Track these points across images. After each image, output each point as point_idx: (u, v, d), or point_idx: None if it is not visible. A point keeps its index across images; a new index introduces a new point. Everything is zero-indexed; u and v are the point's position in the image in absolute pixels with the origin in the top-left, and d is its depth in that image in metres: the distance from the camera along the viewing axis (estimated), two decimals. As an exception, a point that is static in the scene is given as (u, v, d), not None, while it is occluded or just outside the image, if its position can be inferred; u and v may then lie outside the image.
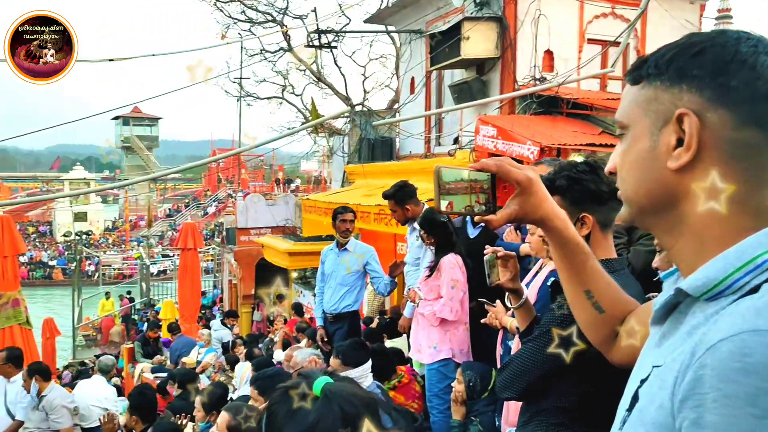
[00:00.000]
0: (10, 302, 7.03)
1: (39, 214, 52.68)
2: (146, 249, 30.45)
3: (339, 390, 0.97)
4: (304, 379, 0.99)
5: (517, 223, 2.14)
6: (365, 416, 0.94)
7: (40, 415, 5.33)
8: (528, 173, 1.06)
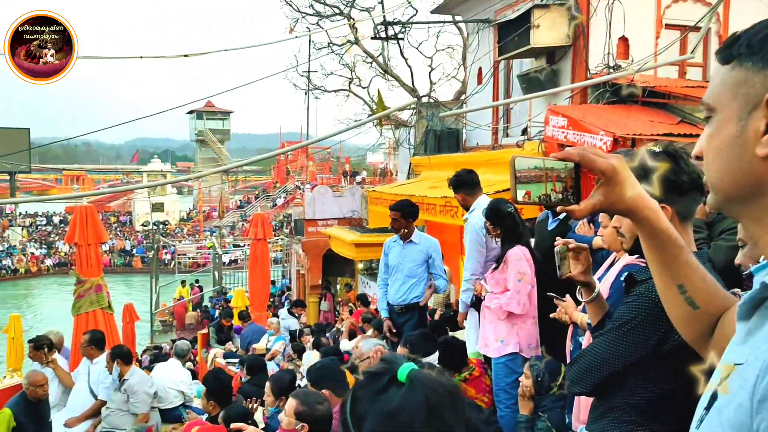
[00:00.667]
0: (93, 287, 7.42)
1: (120, 205, 55.43)
2: (218, 239, 31.54)
3: (424, 377, 0.95)
4: (389, 365, 0.98)
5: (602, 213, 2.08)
6: (450, 404, 0.93)
7: (121, 396, 5.60)
8: (613, 162, 1.02)
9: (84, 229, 7.51)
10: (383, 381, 0.95)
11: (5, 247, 40.40)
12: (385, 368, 0.97)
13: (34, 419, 5.35)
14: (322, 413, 2.99)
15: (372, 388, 0.96)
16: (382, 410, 0.93)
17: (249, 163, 12.82)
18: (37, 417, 5.42)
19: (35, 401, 5.39)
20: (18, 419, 5.17)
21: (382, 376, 0.96)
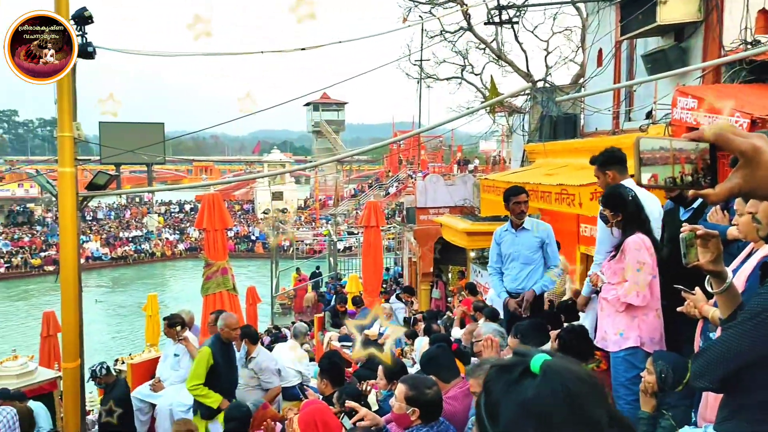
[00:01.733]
0: (219, 270, 7.93)
1: (243, 193, 58.59)
2: (334, 227, 32.49)
3: (559, 367, 0.92)
4: (521, 357, 0.95)
5: (738, 200, 1.92)
6: (590, 394, 0.89)
7: (248, 373, 5.95)
8: (755, 141, 0.93)
9: (211, 216, 8.02)
10: (516, 373, 0.92)
11: (144, 232, 44.07)
12: (518, 360, 0.95)
13: (226, 359, 5.75)
14: (431, 397, 3.01)
15: (504, 379, 0.93)
16: (517, 401, 0.90)
17: (362, 152, 13.08)
18: (228, 357, 5.83)
19: (227, 342, 5.79)
20: (214, 357, 5.59)
21: (515, 368, 0.93)
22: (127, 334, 23.78)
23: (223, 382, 5.69)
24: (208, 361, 5.56)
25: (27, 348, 11.20)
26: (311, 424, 3.30)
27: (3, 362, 8.66)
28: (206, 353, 5.60)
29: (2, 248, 37.70)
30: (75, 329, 7.64)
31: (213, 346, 5.67)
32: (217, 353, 5.62)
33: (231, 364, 5.90)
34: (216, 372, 5.60)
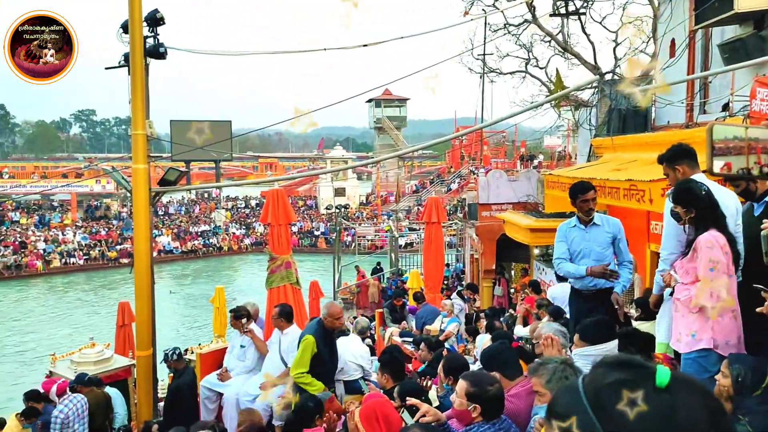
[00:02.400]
0: (283, 264, 8.09)
1: (307, 190, 59.58)
2: (395, 222, 32.58)
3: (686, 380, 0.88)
4: (642, 369, 0.90)
5: None
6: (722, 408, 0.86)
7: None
8: None
9: (276, 211, 8.19)
10: (641, 386, 0.88)
11: (212, 227, 45.51)
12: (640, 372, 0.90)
13: (328, 347, 5.76)
14: (493, 394, 2.98)
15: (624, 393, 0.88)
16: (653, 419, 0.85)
17: (424, 147, 13.07)
18: (331, 345, 5.87)
19: (331, 330, 5.80)
20: (318, 346, 5.58)
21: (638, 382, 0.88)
22: (196, 324, 24.65)
23: (326, 370, 5.69)
24: (312, 350, 5.56)
25: (103, 336, 11.78)
26: (372, 418, 3.32)
27: (81, 349, 9.16)
28: (311, 342, 5.60)
29: (81, 241, 39.74)
30: (148, 319, 7.98)
31: (317, 334, 5.66)
32: (320, 341, 5.62)
33: (333, 352, 5.91)
34: (319, 360, 5.61)
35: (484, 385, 2.99)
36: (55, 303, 29.55)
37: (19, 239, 38.33)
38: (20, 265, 35.53)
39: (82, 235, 40.59)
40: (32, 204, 46.73)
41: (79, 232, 41.18)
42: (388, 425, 3.32)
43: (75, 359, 8.74)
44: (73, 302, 29.59)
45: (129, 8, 7.74)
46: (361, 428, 3.26)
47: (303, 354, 5.59)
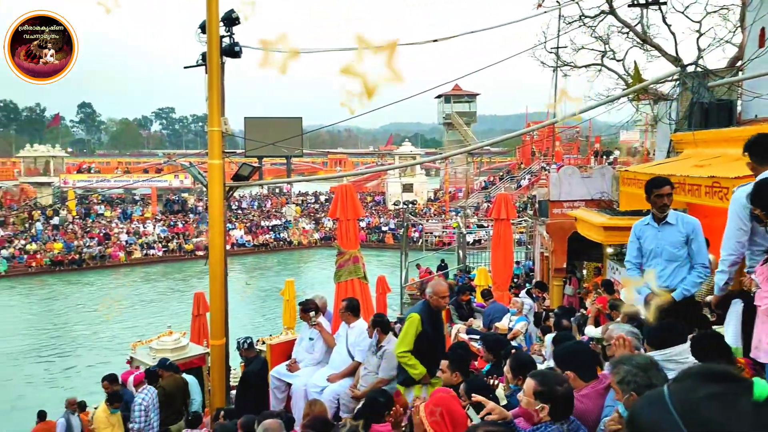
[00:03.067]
0: (351, 259, 8.17)
1: (375, 185, 59.97)
2: (463, 219, 32.32)
3: None
4: (735, 382, 0.86)
5: None
6: None
7: (377, 361, 6.08)
8: None
9: (344, 206, 8.29)
10: (738, 399, 0.84)
11: (282, 221, 46.58)
12: (736, 385, 0.86)
13: (434, 327, 5.60)
14: (562, 394, 2.90)
15: (724, 406, 0.84)
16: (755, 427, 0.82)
17: (494, 143, 12.87)
18: (437, 327, 5.70)
19: (436, 310, 5.64)
20: (423, 324, 5.45)
21: (735, 395, 0.85)
22: (266, 316, 25.33)
23: (431, 350, 5.49)
24: (417, 328, 5.40)
25: (180, 325, 12.26)
26: (436, 414, 3.32)
27: (160, 337, 9.59)
28: (415, 320, 5.44)
29: (160, 233, 41.56)
30: (221, 310, 8.26)
31: (422, 313, 5.51)
32: (426, 320, 5.47)
33: (439, 334, 5.77)
34: (424, 341, 5.43)
35: (553, 384, 2.92)
36: (135, 292, 31.07)
37: (103, 231, 40.51)
38: (104, 256, 37.55)
39: (161, 228, 42.43)
40: (116, 198, 49.28)
41: (158, 224, 43.08)
42: (453, 422, 3.30)
43: (154, 346, 9.15)
44: (152, 292, 31.02)
45: (207, 9, 8.02)
46: (425, 423, 3.26)
47: (407, 332, 5.42)
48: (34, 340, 22.72)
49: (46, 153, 49.54)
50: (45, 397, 15.78)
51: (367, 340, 6.28)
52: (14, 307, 28.13)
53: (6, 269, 34.44)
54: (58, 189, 47.32)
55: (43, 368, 19.47)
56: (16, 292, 31.01)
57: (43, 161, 48.98)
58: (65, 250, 36.70)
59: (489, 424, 2.93)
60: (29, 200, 46.13)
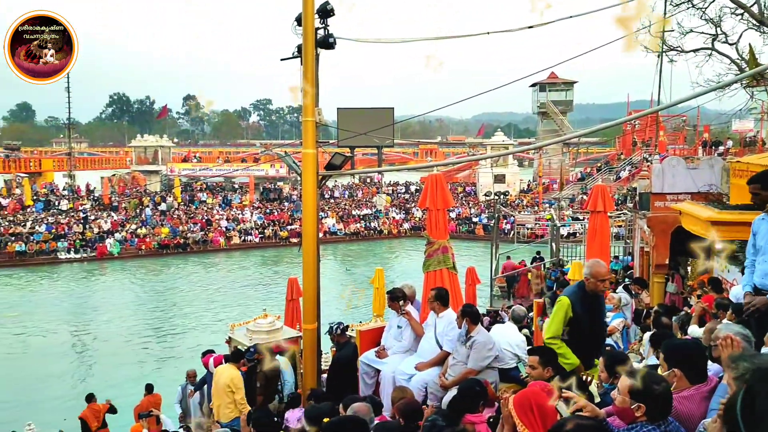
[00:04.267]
0: (440, 248, 8.15)
1: (466, 176, 59.44)
2: (557, 211, 31.42)
3: None
4: None
5: None
6: None
7: (466, 351, 6.04)
8: None
9: (434, 196, 8.27)
10: None
11: (373, 211, 47.17)
12: None
13: (589, 313, 5.08)
14: (659, 393, 2.77)
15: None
16: None
17: (591, 132, 12.36)
18: (593, 312, 5.16)
19: (593, 294, 5.09)
20: (574, 309, 5.00)
21: None
22: (356, 303, 25.80)
23: (584, 340, 4.99)
24: (566, 313, 4.96)
25: (275, 308, 12.74)
26: (526, 407, 3.26)
27: (256, 319, 9.99)
28: (564, 304, 4.99)
29: (257, 221, 43.25)
30: (314, 295, 8.48)
31: (573, 296, 5.04)
32: (577, 304, 4.99)
33: (595, 320, 5.19)
34: (577, 327, 4.96)
35: (650, 383, 2.79)
36: (233, 276, 32.58)
37: (205, 217, 42.68)
38: (206, 241, 39.58)
39: (258, 215, 44.14)
40: (217, 186, 51.76)
41: (255, 212, 44.84)
42: (542, 416, 3.23)
43: (250, 327, 9.55)
44: (248, 276, 32.40)
45: (303, 2, 8.21)
46: (514, 416, 3.21)
47: (555, 317, 5.02)
48: (142, 319, 24.38)
49: (154, 143, 52.79)
50: (152, 372, 16.93)
51: (456, 330, 6.25)
52: (126, 288, 30.29)
53: (119, 251, 37.07)
54: (165, 177, 50.34)
55: (149, 345, 20.85)
56: (128, 273, 33.35)
57: (152, 151, 52.21)
58: (171, 235, 39.00)
59: (580, 418, 2.84)
60: (140, 187, 49.39)
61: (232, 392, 7.58)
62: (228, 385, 7.58)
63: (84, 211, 41.80)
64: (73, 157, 56.06)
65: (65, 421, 12.10)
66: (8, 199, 43.48)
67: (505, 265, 23.30)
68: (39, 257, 35.25)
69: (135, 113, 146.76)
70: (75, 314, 24.95)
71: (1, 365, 18.58)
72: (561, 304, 5.03)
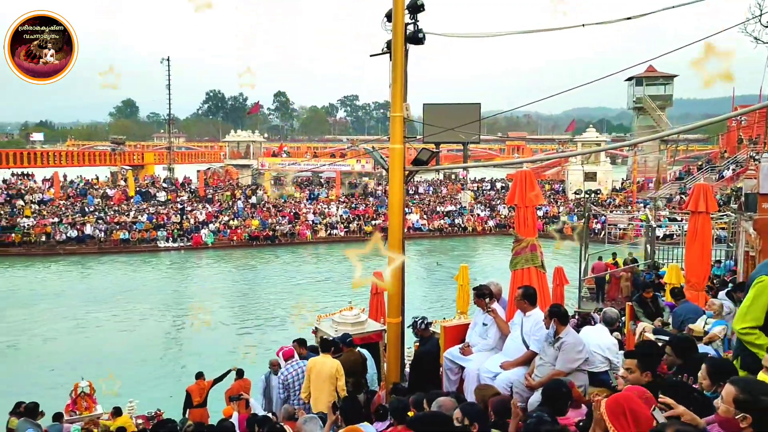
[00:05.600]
0: (528, 246, 7.95)
1: (554, 174, 57.86)
2: (652, 211, 29.99)
3: None
4: None
5: None
6: None
7: (554, 353, 5.88)
8: None
9: (523, 192, 8.09)
10: None
11: (457, 207, 46.85)
12: None
13: None
14: (767, 405, 2.59)
15: None
16: None
17: (691, 129, 11.71)
18: None
19: None
20: None
21: None
22: (439, 299, 25.77)
23: None
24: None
25: (359, 301, 12.90)
26: (618, 411, 3.13)
27: (341, 311, 10.19)
28: (766, 284, 4.05)
29: (342, 215, 44.02)
30: (398, 289, 8.54)
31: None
32: None
33: None
34: None
35: (758, 394, 2.61)
36: (319, 268, 33.35)
37: (293, 211, 43.90)
38: (294, 233, 40.73)
39: (344, 210, 44.91)
40: (304, 180, 53.12)
41: (341, 206, 45.66)
42: (636, 421, 3.10)
43: (336, 319, 9.75)
44: (334, 269, 33.06)
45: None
46: (606, 420, 3.10)
47: (754, 301, 4.07)
48: (233, 307, 25.45)
49: (246, 138, 54.87)
50: (240, 359, 17.61)
51: (544, 330, 6.10)
52: (219, 276, 31.74)
53: (212, 241, 38.83)
54: (256, 171, 52.22)
55: (238, 332, 21.73)
56: (222, 262, 34.91)
57: (244, 145, 54.25)
58: (261, 227, 40.41)
59: (680, 424, 2.71)
60: (232, 180, 51.50)
61: (336, 380, 7.70)
62: (332, 374, 7.69)
63: (181, 203, 44.08)
64: (172, 151, 59.21)
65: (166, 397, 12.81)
66: (114, 190, 46.52)
67: (595, 266, 22.46)
68: (141, 245, 37.53)
69: (229, 109, 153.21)
70: (173, 300, 26.41)
71: (111, 343, 19.96)
72: (762, 287, 4.03)
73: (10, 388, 14.42)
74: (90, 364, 17.11)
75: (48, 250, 35.89)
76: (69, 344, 20.00)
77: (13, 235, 35.94)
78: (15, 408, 9.92)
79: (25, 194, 42.91)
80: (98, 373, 14.41)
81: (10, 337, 20.49)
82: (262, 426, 6.42)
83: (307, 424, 4.90)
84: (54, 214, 39.05)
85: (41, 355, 18.95)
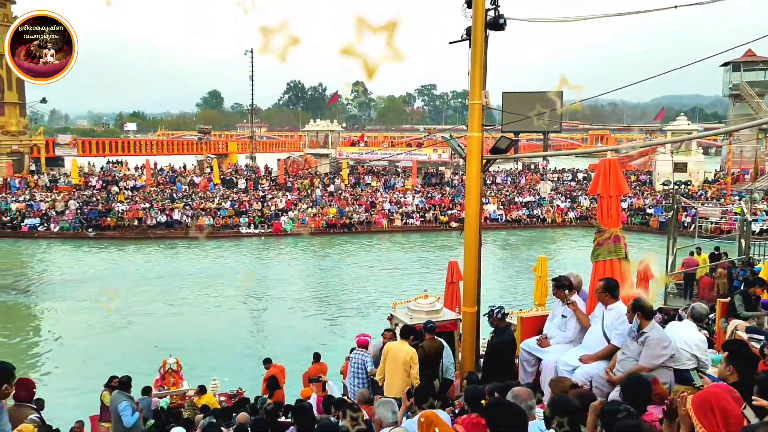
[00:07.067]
0: (612, 237, 7.68)
1: (641, 164, 55.48)
2: (748, 204, 28.24)
3: None
4: None
5: None
6: None
7: (638, 348, 5.66)
8: None
9: (607, 182, 7.81)
10: None
11: (536, 198, 45.82)
12: None
13: None
14: None
15: None
16: None
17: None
18: None
19: None
20: None
21: None
22: (516, 290, 25.38)
23: None
24: None
25: (434, 290, 12.90)
26: (706, 408, 2.98)
27: (417, 299, 10.22)
28: None
29: (418, 204, 44.03)
30: (474, 279, 8.49)
31: None
32: None
33: None
34: None
35: None
36: (395, 257, 33.56)
37: (369, 199, 44.32)
38: (370, 222, 41.14)
39: (420, 199, 44.90)
40: (381, 169, 53.46)
41: (417, 196, 45.67)
42: (724, 419, 2.94)
43: (411, 307, 9.79)
44: (409, 257, 33.19)
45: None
46: (692, 416, 2.96)
47: None
48: (311, 293, 26.07)
49: (325, 128, 55.71)
50: (317, 343, 18.03)
51: (626, 324, 5.88)
52: (298, 262, 32.58)
53: (291, 228, 39.85)
54: (334, 160, 53.03)
55: (316, 317, 22.24)
56: (300, 248, 35.80)
57: (323, 135, 55.16)
58: (338, 215, 41.07)
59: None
60: (311, 169, 52.55)
61: (410, 367, 7.77)
62: (406, 361, 7.76)
63: (262, 190, 45.42)
64: (254, 141, 61.07)
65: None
66: (200, 177, 48.54)
67: (686, 261, 21.43)
68: (224, 231, 39.03)
69: (309, 99, 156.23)
70: (256, 284, 27.33)
71: (198, 324, 20.96)
72: None
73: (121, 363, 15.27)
74: (183, 341, 18.07)
75: (140, 233, 37.96)
76: (165, 323, 21.16)
77: (109, 219, 38.25)
78: (108, 381, 10.54)
79: (119, 181, 45.56)
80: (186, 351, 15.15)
81: (121, 316, 21.77)
82: (339, 408, 6.55)
83: (380, 408, 4.95)
84: (145, 200, 41.22)
85: (146, 331, 20.11)
